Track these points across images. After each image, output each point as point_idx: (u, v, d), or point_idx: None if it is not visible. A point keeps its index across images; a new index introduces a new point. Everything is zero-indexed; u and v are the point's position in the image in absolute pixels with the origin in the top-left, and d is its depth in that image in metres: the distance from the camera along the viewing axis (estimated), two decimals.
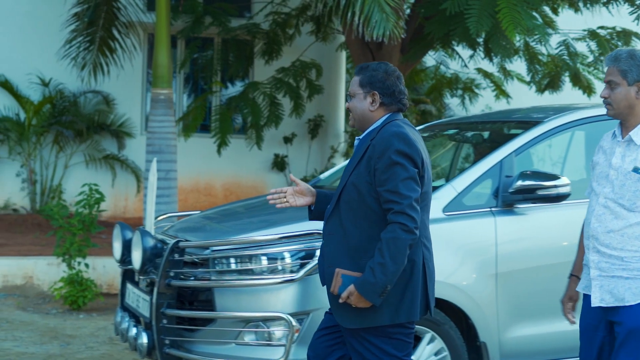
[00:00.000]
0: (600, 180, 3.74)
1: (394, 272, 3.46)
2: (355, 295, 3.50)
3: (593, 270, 3.70)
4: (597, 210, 3.70)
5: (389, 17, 7.69)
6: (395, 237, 3.44)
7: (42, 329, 7.36)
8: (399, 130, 3.56)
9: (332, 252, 3.66)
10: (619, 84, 3.67)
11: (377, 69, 3.70)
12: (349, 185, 3.62)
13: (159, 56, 8.42)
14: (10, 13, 12.24)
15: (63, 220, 8.14)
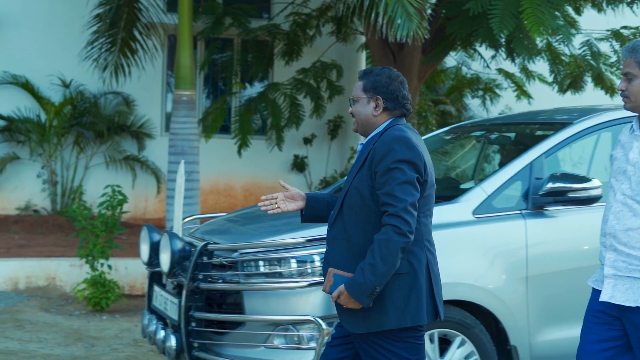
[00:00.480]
0: (617, 176, 3.60)
1: (384, 274, 3.45)
2: (345, 295, 3.51)
3: (607, 269, 3.57)
4: (614, 207, 3.57)
5: (412, 17, 7.65)
6: (387, 238, 3.43)
7: (66, 330, 7.36)
8: (401, 134, 3.56)
9: (336, 257, 3.65)
10: (636, 75, 3.52)
11: (380, 74, 3.70)
12: (352, 190, 3.62)
13: (182, 57, 8.41)
14: (31, 14, 12.27)
15: (86, 222, 8.15)
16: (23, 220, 11.88)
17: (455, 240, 4.75)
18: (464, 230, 4.79)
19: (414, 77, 11.05)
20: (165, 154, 12.39)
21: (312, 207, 3.94)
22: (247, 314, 4.60)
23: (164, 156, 12.48)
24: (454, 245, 4.74)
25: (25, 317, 7.78)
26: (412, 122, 11.05)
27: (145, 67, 10.86)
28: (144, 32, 10.18)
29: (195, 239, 5.16)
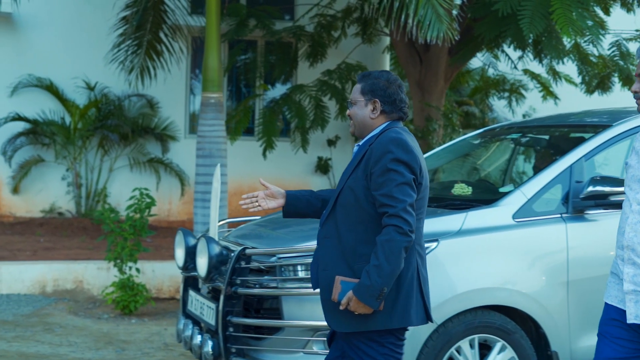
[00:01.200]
0: (632, 185, 3.41)
1: (390, 274, 3.46)
2: (354, 301, 3.50)
3: (627, 284, 3.36)
4: (631, 218, 3.36)
5: (442, 18, 7.59)
6: (389, 239, 3.45)
7: (96, 334, 7.35)
8: (397, 136, 3.57)
9: (326, 256, 3.67)
10: None
11: (379, 77, 3.72)
12: (346, 189, 3.64)
13: (209, 59, 8.38)
14: (56, 17, 12.30)
15: (114, 225, 8.13)
16: (48, 223, 11.90)
17: (495, 245, 4.70)
18: (504, 235, 4.73)
19: (440, 78, 11.00)
20: (189, 156, 12.43)
21: (292, 204, 3.97)
22: (285, 319, 4.55)
23: (188, 158, 12.51)
24: (494, 250, 4.69)
25: (55, 321, 7.77)
26: (439, 124, 10.99)
27: (170, 69, 10.85)
28: (170, 34, 10.16)
29: (231, 243, 5.12)
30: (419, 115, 11.20)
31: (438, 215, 4.78)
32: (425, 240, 4.54)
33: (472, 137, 6.51)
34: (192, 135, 12.96)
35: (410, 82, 11.32)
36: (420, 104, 11.14)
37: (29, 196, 12.37)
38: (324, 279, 3.65)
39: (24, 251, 9.97)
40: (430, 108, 10.93)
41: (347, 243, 3.60)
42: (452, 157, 6.65)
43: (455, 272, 4.59)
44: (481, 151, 6.69)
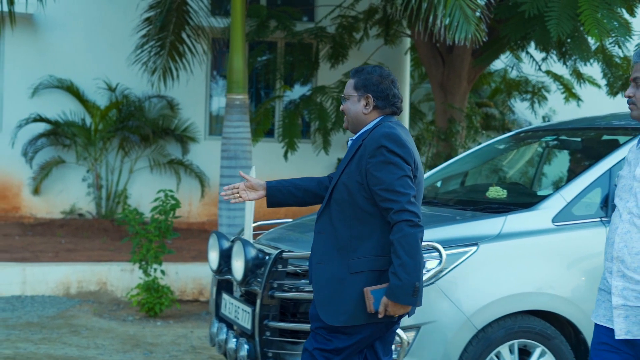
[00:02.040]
0: (623, 195, 3.29)
1: (416, 268, 3.48)
2: (391, 305, 3.52)
3: (616, 298, 3.19)
4: (620, 228, 3.22)
5: (470, 20, 7.54)
6: (404, 234, 3.46)
7: (122, 336, 7.31)
8: (390, 131, 3.58)
9: (321, 250, 3.70)
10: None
11: (372, 72, 3.73)
12: (340, 185, 3.65)
13: (234, 61, 8.34)
14: (77, 18, 12.30)
15: (139, 227, 8.11)
16: (68, 224, 11.89)
17: (535, 249, 4.64)
18: (543, 239, 4.67)
19: (463, 79, 10.94)
20: (209, 157, 12.44)
21: (274, 196, 4.01)
22: None
23: (208, 160, 12.52)
24: (534, 254, 4.63)
25: (80, 323, 7.75)
26: (462, 126, 10.93)
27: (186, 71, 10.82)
28: (193, 35, 10.13)
29: (262, 246, 5.08)
30: (442, 117, 11.15)
31: (477, 218, 4.74)
32: (464, 244, 4.54)
33: (504, 139, 6.45)
34: (212, 137, 12.96)
35: (433, 84, 11.26)
36: (442, 106, 11.08)
37: (50, 197, 12.37)
38: (319, 273, 3.69)
39: (46, 252, 9.96)
40: (453, 110, 10.87)
41: (342, 238, 3.62)
42: (483, 160, 6.59)
43: (495, 277, 4.54)
44: (512, 154, 6.63)
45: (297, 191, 4.00)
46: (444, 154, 10.79)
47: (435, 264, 4.37)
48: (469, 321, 4.41)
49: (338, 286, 3.63)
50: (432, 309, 4.36)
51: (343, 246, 3.61)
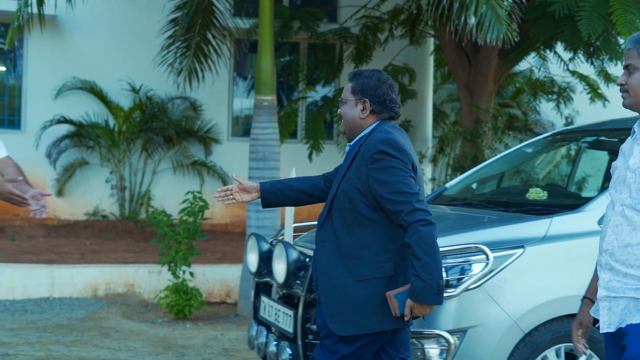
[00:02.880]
0: (617, 186, 3.17)
1: (437, 266, 3.46)
2: (417, 306, 3.51)
3: (601, 290, 3.14)
4: (613, 220, 3.13)
5: (502, 20, 7.47)
6: (420, 235, 3.43)
7: (153, 338, 7.28)
8: (387, 136, 3.54)
9: (325, 260, 3.67)
10: (638, 68, 3.09)
11: (369, 77, 3.70)
12: (340, 193, 3.62)
13: (263, 62, 8.30)
14: (101, 20, 12.28)
15: (168, 229, 8.07)
16: (92, 226, 11.89)
17: (582, 252, 4.55)
18: (590, 241, 4.58)
19: (489, 80, 10.87)
20: (232, 158, 12.43)
21: (268, 197, 4.01)
22: None
23: (231, 161, 12.50)
24: (580, 257, 4.54)
25: (110, 325, 7.72)
26: (488, 127, 10.86)
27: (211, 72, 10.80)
28: (218, 36, 10.10)
29: (302, 248, 5.03)
30: (468, 118, 11.07)
31: (521, 220, 4.67)
32: (510, 247, 4.47)
33: (540, 140, 6.37)
34: (235, 138, 12.94)
35: (459, 84, 11.19)
36: (468, 107, 11.01)
37: (73, 199, 12.36)
38: (325, 284, 3.67)
39: (72, 254, 9.95)
40: (479, 110, 10.79)
41: (346, 247, 3.59)
42: (519, 162, 6.53)
43: (541, 280, 4.46)
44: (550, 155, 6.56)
45: (291, 192, 4.01)
46: (470, 155, 10.73)
47: (482, 267, 4.31)
48: (515, 325, 4.35)
49: (344, 295, 3.61)
50: (479, 313, 4.30)
51: (346, 254, 3.59)
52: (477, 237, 4.37)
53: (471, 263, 4.30)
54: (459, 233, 4.48)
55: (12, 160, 4.75)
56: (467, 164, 10.67)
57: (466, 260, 4.32)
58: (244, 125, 13.38)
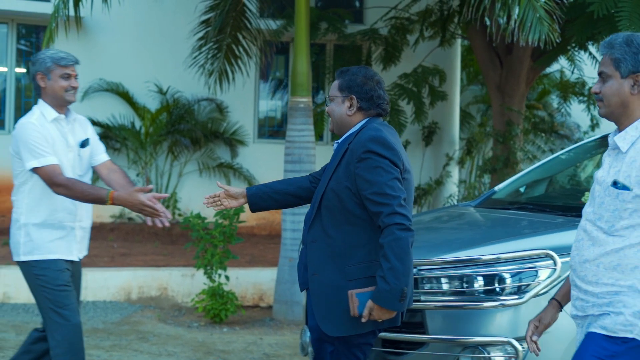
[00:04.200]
0: (590, 199, 3.09)
1: (405, 273, 3.41)
2: (377, 309, 3.46)
3: (572, 309, 3.11)
4: (577, 235, 3.08)
5: (543, 21, 7.38)
6: (395, 238, 3.38)
7: (192, 343, 7.20)
8: (377, 133, 3.51)
9: (316, 260, 3.62)
10: (610, 75, 2.98)
11: (356, 73, 3.68)
12: (329, 191, 3.59)
13: (298, 64, 8.22)
14: (127, 21, 12.22)
15: (203, 232, 8.00)
16: (119, 229, 11.83)
17: None
18: None
19: (522, 81, 10.77)
20: (258, 160, 12.36)
21: (255, 203, 4.00)
22: (430, 334, 4.36)
23: (257, 163, 12.44)
24: None
25: (146, 329, 7.64)
26: (520, 129, 10.76)
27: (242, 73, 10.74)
28: (249, 37, 10.03)
29: None
30: (499, 120, 10.98)
31: None
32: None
33: (588, 143, 6.27)
34: (261, 140, 12.88)
35: (490, 86, 11.10)
36: (500, 108, 10.91)
37: None
38: (316, 285, 3.63)
39: (101, 257, 9.88)
40: (511, 112, 10.70)
41: (337, 246, 3.55)
42: (567, 165, 6.42)
43: None
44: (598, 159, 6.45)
45: (277, 195, 3.98)
46: (502, 157, 10.63)
47: (549, 273, 4.21)
48: None
49: (336, 295, 3.57)
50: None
51: (338, 254, 3.55)
52: (542, 243, 4.28)
53: (538, 269, 4.21)
54: (524, 238, 4.40)
55: (116, 165, 4.73)
56: (499, 166, 10.58)
57: (533, 266, 4.23)
58: (270, 127, 13.31)
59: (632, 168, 2.91)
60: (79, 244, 4.59)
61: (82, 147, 4.58)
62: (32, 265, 4.45)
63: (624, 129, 2.98)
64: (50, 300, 4.42)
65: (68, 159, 4.48)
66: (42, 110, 4.50)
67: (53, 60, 4.50)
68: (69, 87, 4.51)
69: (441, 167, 12.89)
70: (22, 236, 4.46)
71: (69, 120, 4.59)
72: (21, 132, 4.41)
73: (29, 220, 4.45)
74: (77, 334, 4.47)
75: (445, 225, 5.50)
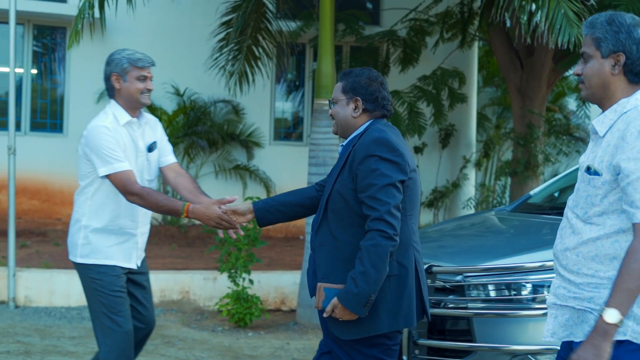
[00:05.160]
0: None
1: (376, 281, 3.36)
2: (340, 308, 3.43)
3: (550, 297, 3.00)
4: (561, 222, 3.02)
5: (572, 23, 7.30)
6: (374, 244, 3.34)
7: (218, 348, 7.13)
8: (381, 135, 3.48)
9: (325, 264, 3.57)
10: (592, 56, 2.88)
11: (360, 75, 3.66)
12: (334, 194, 3.56)
13: (323, 65, 8.16)
14: (143, 23, 12.14)
15: (228, 235, 7.91)
16: None
17: None
18: None
19: (543, 84, 10.70)
20: (274, 162, 12.29)
21: (263, 217, 3.99)
22: (478, 341, 4.29)
23: (273, 165, 12.38)
24: None
25: (171, 333, 7.57)
26: (542, 131, 10.68)
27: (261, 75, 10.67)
28: (269, 39, 9.96)
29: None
30: (520, 122, 10.90)
31: None
32: None
33: None
34: (277, 142, 12.81)
35: (510, 88, 11.03)
36: (521, 111, 10.83)
37: None
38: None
39: None
40: (532, 115, 10.63)
41: (346, 249, 3.50)
42: None
43: None
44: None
45: (284, 207, 3.94)
46: (523, 160, 10.55)
47: None
48: None
49: None
50: None
51: (347, 256, 3.49)
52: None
53: None
54: None
55: (183, 169, 4.65)
56: (520, 169, 10.50)
57: None
58: (286, 129, 13.24)
59: (606, 153, 2.82)
60: (140, 250, 4.51)
61: (150, 151, 4.47)
62: (89, 268, 4.38)
63: (604, 112, 2.90)
64: (104, 305, 4.35)
65: (137, 164, 4.38)
66: (115, 113, 4.38)
67: (130, 61, 4.40)
68: (145, 90, 4.41)
69: (458, 169, 12.82)
70: (80, 238, 4.39)
71: (140, 123, 4.47)
72: (93, 136, 4.28)
73: (90, 224, 4.37)
74: (128, 341, 4.40)
75: (485, 231, 5.44)
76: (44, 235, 11.32)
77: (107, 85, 4.46)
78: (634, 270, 2.70)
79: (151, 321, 4.68)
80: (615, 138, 2.79)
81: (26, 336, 7.23)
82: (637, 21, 2.88)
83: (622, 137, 2.77)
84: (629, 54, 2.84)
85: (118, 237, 4.38)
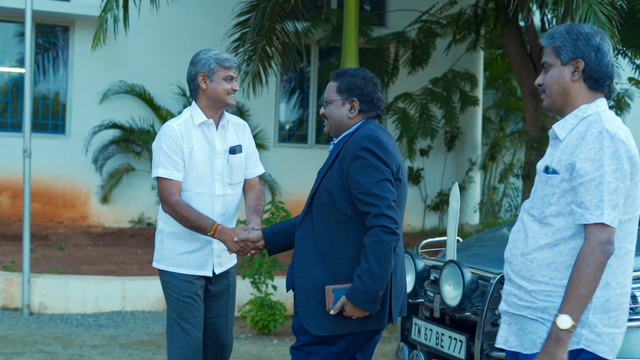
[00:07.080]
0: None
1: (382, 277, 3.39)
2: (349, 306, 3.44)
3: (502, 303, 2.99)
4: (515, 226, 3.00)
5: (604, 25, 7.23)
6: (378, 240, 3.36)
7: (246, 356, 6.97)
8: (371, 133, 3.49)
9: (302, 258, 3.57)
10: (552, 64, 2.93)
11: (355, 75, 3.65)
12: (321, 189, 3.55)
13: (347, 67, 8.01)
14: (148, 23, 11.91)
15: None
16: (139, 234, 11.55)
17: None
18: None
19: None
20: (279, 165, 12.14)
21: (275, 242, 3.95)
22: None
23: (278, 167, 12.21)
24: None
25: None
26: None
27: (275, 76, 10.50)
28: (284, 38, 9.81)
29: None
30: (533, 125, 10.83)
31: None
32: None
33: None
34: (282, 144, 12.66)
35: (523, 91, 10.95)
36: (534, 114, 10.76)
37: (118, 206, 12.01)
38: (302, 282, 3.57)
39: (130, 265, 9.61)
40: (545, 117, 10.55)
41: (325, 245, 3.50)
42: None
43: None
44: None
45: (292, 229, 3.82)
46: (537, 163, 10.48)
47: None
48: None
49: (323, 294, 3.50)
50: None
51: (326, 253, 3.50)
52: None
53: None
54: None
55: (260, 184, 4.56)
56: (534, 172, 10.41)
57: None
58: (290, 132, 13.08)
59: (565, 152, 2.85)
60: (218, 257, 4.33)
61: (232, 153, 4.34)
62: (162, 272, 4.33)
63: (564, 117, 2.93)
64: (174, 310, 4.23)
65: (214, 166, 4.27)
66: (192, 113, 4.30)
67: (217, 61, 4.27)
68: (231, 90, 4.30)
69: (464, 172, 12.73)
70: (157, 242, 4.36)
71: (220, 124, 4.36)
72: (159, 136, 4.25)
73: (165, 227, 4.30)
74: (195, 349, 4.25)
75: None
76: (45, 239, 11.06)
77: (191, 86, 4.33)
78: (585, 275, 2.70)
79: (219, 342, 4.46)
80: (575, 139, 2.83)
81: (47, 345, 7.01)
82: (595, 30, 2.95)
83: (582, 137, 2.81)
84: (587, 60, 2.89)
85: (191, 244, 4.26)
